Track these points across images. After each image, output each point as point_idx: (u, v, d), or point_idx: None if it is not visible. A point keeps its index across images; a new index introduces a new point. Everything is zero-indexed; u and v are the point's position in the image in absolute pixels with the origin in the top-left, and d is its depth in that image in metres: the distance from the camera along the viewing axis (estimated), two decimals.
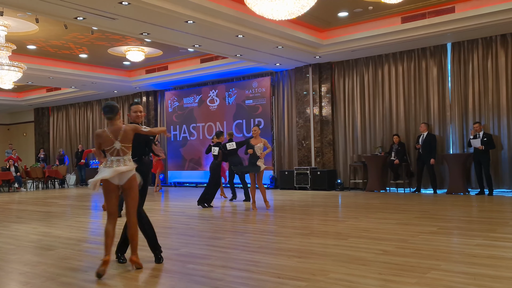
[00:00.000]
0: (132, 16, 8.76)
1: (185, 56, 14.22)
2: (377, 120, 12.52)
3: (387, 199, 10.12)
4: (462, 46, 11.24)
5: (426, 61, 11.77)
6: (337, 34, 11.58)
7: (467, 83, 11.20)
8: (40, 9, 8.25)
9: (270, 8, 6.66)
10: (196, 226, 6.89)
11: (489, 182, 10.25)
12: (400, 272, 3.89)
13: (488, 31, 10.45)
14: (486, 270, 3.87)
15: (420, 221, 6.69)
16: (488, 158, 10.30)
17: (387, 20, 10.74)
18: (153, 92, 17.60)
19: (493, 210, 7.91)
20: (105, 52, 13.25)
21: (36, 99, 19.80)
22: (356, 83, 12.89)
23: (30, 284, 3.85)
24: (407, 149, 11.87)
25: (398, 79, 12.20)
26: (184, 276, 4.00)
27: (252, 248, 5.16)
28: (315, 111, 13.37)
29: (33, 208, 10.11)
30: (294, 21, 10.46)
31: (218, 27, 9.52)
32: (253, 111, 14.59)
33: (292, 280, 3.74)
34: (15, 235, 6.37)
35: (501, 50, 10.74)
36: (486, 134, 10.38)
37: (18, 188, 16.52)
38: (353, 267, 4.10)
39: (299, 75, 13.67)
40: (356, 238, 5.50)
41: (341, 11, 10.33)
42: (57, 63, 14.12)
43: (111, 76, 15.59)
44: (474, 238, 5.32)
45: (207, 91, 15.76)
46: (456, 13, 9.80)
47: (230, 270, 4.16)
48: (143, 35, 10.12)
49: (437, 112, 11.56)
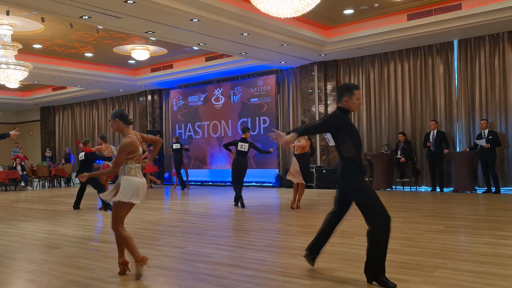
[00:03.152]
0: (137, 15, 8.76)
1: (190, 55, 14.23)
2: (383, 118, 12.47)
3: (393, 197, 10.08)
4: (468, 43, 11.16)
5: (432, 58, 11.69)
6: (343, 31, 11.53)
7: (474, 80, 11.12)
8: (46, 8, 8.27)
9: (275, 6, 6.64)
10: (202, 224, 6.89)
11: (496, 180, 10.18)
12: (407, 270, 3.87)
13: (495, 28, 10.36)
14: (493, 269, 3.84)
15: (426, 220, 6.66)
16: (494, 156, 10.22)
17: (393, 17, 10.67)
18: (158, 91, 17.63)
19: (500, 208, 7.85)
20: (110, 51, 13.28)
21: (42, 98, 19.90)
22: (362, 81, 12.84)
23: (37, 282, 3.86)
24: (413, 147, 11.80)
25: (404, 77, 12.13)
26: (190, 274, 4.00)
27: (258, 246, 5.15)
28: (321, 109, 13.33)
29: (39, 206, 10.16)
30: (299, 19, 10.42)
31: (223, 25, 9.51)
32: (258, 110, 14.57)
33: (298, 279, 3.72)
34: (21, 234, 6.40)
35: (508, 47, 10.65)
36: (491, 132, 10.30)
37: (25, 187, 16.61)
38: (359, 266, 4.07)
39: (304, 73, 13.63)
40: (362, 237, 5.46)
41: (347, 8, 10.28)
42: (63, 62, 14.17)
43: (116, 75, 15.62)
44: (481, 236, 5.28)
45: (212, 90, 15.76)
46: (462, 10, 9.73)
47: (236, 268, 4.16)
48: (148, 34, 10.13)
49: (444, 110, 11.49)
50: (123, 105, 18.88)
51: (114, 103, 19.33)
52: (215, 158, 15.61)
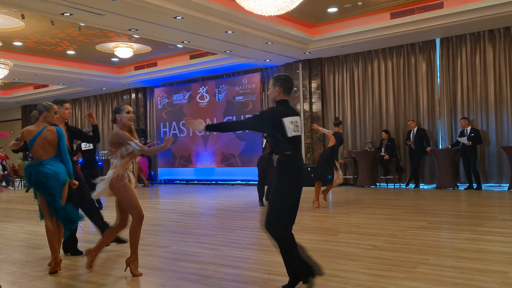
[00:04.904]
0: (120, 12, 8.66)
1: (175, 53, 14.13)
2: (367, 116, 12.56)
3: (377, 194, 10.17)
4: (450, 42, 11.31)
5: (415, 56, 11.82)
6: (327, 30, 11.58)
7: (456, 78, 11.27)
8: (26, 5, 8.12)
9: (259, 4, 6.63)
10: (187, 223, 6.86)
11: (477, 177, 10.35)
12: (390, 267, 3.91)
13: (476, 27, 10.52)
14: (474, 264, 3.91)
15: (409, 216, 6.74)
16: (475, 153, 10.39)
17: (376, 16, 10.76)
18: (142, 89, 17.47)
19: (481, 205, 7.99)
20: (93, 49, 13.11)
21: (23, 97, 19.56)
22: (346, 79, 12.91)
23: (18, 283, 3.80)
24: (397, 145, 11.93)
25: (387, 75, 12.24)
26: (175, 273, 3.98)
27: (243, 244, 5.15)
28: (305, 107, 13.37)
29: (21, 206, 9.99)
30: (283, 17, 10.44)
31: (207, 23, 9.47)
32: (243, 108, 14.56)
33: (282, 276, 3.73)
34: (2, 234, 6.30)
35: (489, 45, 10.82)
36: (473, 130, 10.47)
37: (6, 187, 16.32)
38: (343, 263, 4.11)
39: (289, 71, 13.65)
40: (346, 234, 5.52)
41: (331, 6, 10.32)
42: (44, 60, 13.93)
43: (99, 73, 15.43)
44: (463, 232, 5.37)
45: (196, 88, 15.69)
46: (444, 9, 9.85)
47: (221, 267, 4.15)
48: (132, 31, 10.03)
49: (426, 108, 11.63)
50: (107, 103, 18.68)
51: (97, 101, 19.10)
52: (200, 157, 15.55)
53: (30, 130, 4.23)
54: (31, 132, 4.21)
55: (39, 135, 4.15)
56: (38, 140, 4.14)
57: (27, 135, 4.22)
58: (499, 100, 10.68)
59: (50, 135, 4.17)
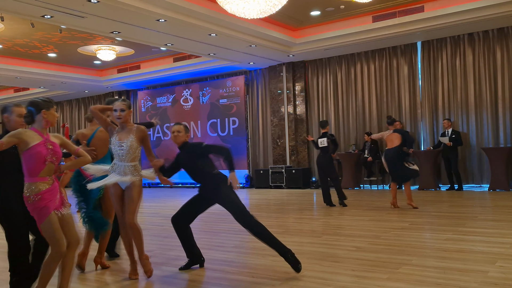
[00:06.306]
0: (102, 14, 8.57)
1: (158, 55, 14.04)
2: (351, 118, 12.66)
3: (361, 196, 10.25)
4: (431, 45, 11.48)
5: (397, 59, 11.97)
6: (310, 33, 11.64)
7: (437, 81, 11.45)
8: (5, 7, 7.98)
9: (241, 7, 6.63)
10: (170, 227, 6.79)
11: (458, 178, 10.52)
12: (373, 268, 3.94)
13: (456, 30, 10.71)
14: (455, 264, 3.96)
15: (392, 217, 6.80)
16: (456, 154, 10.55)
17: (359, 19, 10.86)
18: (126, 92, 17.31)
19: (462, 205, 8.11)
20: (74, 51, 12.95)
21: (3, 100, 19.15)
22: (330, 82, 13.00)
23: None
24: (380, 147, 12.05)
25: (370, 78, 12.36)
26: (158, 278, 3.94)
27: (227, 248, 5.14)
28: (290, 109, 13.42)
29: None
30: (266, 20, 10.46)
31: (190, 26, 9.44)
32: (227, 110, 14.54)
33: (266, 279, 3.73)
34: None
35: (468, 48, 11.02)
36: (454, 131, 10.64)
37: None
38: (327, 264, 4.13)
39: (273, 73, 13.70)
40: (330, 236, 5.54)
41: (313, 10, 10.39)
42: (25, 63, 13.71)
43: (81, 76, 15.24)
44: (444, 232, 5.44)
45: (180, 91, 15.62)
46: (425, 12, 10.00)
47: (205, 270, 4.13)
48: (114, 34, 9.93)
49: (408, 110, 11.78)
50: (89, 106, 18.45)
51: (80, 104, 18.88)
52: None
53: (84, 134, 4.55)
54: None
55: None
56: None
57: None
58: (479, 102, 10.87)
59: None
